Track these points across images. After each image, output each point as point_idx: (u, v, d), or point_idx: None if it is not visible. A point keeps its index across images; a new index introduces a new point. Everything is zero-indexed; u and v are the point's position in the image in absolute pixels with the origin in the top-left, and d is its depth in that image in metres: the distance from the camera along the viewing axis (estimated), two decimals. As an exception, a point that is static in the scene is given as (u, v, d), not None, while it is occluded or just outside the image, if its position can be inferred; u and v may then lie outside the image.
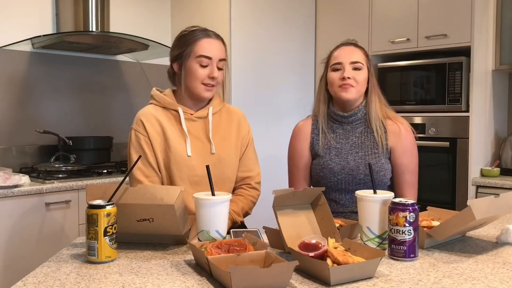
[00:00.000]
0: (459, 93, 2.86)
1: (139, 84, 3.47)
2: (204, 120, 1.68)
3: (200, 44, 1.61)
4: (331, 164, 1.72)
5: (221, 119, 1.72)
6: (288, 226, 1.25)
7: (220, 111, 1.73)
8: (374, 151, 1.71)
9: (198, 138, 1.66)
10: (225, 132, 1.70)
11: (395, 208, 1.20)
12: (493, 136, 3.07)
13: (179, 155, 1.61)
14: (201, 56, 1.60)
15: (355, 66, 1.70)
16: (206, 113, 1.68)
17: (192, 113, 1.67)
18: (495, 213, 1.30)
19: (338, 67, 1.72)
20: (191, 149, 1.62)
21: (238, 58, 3.15)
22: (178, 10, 3.56)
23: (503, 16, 2.94)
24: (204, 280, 1.05)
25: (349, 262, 1.05)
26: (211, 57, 1.60)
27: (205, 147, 1.65)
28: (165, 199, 1.23)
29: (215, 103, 1.71)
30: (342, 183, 1.71)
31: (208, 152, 1.64)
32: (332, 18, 3.53)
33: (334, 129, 1.77)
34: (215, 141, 1.66)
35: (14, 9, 2.90)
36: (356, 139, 1.74)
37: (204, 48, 1.60)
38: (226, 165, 1.66)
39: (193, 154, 1.62)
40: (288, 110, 3.45)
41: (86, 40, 2.89)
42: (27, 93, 2.98)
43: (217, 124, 1.69)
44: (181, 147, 1.62)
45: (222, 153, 1.66)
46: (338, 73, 1.71)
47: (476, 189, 2.85)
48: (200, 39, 1.62)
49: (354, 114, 1.74)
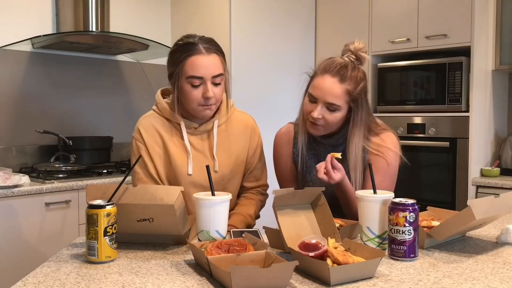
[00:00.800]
0: (459, 93, 2.86)
1: (139, 84, 3.47)
2: (209, 134, 1.59)
3: (189, 63, 1.46)
4: (316, 181, 1.60)
5: (228, 131, 1.62)
6: (288, 226, 1.25)
7: (228, 121, 1.63)
8: (354, 167, 1.57)
9: (202, 153, 1.58)
10: (230, 147, 1.62)
11: (395, 208, 1.20)
12: (493, 136, 3.08)
13: (179, 172, 1.56)
14: (191, 77, 1.47)
15: (331, 107, 1.52)
16: (211, 126, 1.59)
17: (196, 127, 1.58)
18: (495, 213, 1.30)
19: (314, 100, 1.54)
20: (193, 165, 1.56)
21: (238, 58, 3.15)
22: (178, 10, 3.56)
23: (503, 16, 2.94)
24: (204, 280, 1.05)
25: (349, 262, 1.05)
26: (202, 77, 1.47)
27: (209, 164, 1.52)
28: (165, 199, 1.23)
29: (221, 114, 1.61)
30: (329, 196, 1.51)
31: (211, 169, 1.54)
32: (332, 18, 3.53)
33: (315, 146, 1.66)
34: (219, 158, 1.58)
35: (14, 9, 2.90)
36: (338, 160, 1.55)
37: (194, 67, 1.46)
38: (230, 184, 1.61)
39: (195, 171, 1.56)
40: (287, 111, 3.43)
41: (86, 40, 2.90)
42: (27, 93, 2.98)
43: (223, 138, 1.61)
44: (182, 163, 1.56)
45: (225, 170, 1.59)
46: (311, 106, 1.55)
47: (476, 189, 2.85)
48: (189, 57, 1.47)
49: (332, 136, 1.62)
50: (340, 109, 1.53)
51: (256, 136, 1.70)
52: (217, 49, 1.53)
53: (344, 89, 1.51)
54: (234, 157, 1.62)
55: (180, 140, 1.57)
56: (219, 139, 1.60)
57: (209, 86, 1.48)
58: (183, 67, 1.48)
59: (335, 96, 1.51)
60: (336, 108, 1.52)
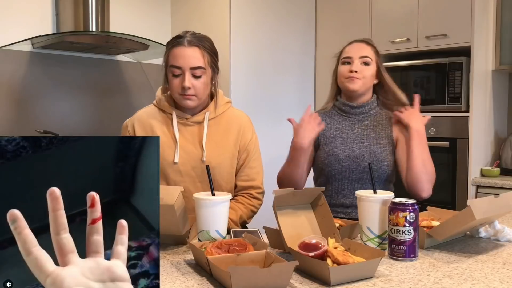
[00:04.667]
0: (459, 93, 2.86)
1: (139, 84, 3.47)
2: (200, 126, 1.65)
3: (171, 53, 1.59)
4: (337, 151, 1.75)
5: (220, 125, 1.67)
6: (288, 226, 1.25)
7: (221, 116, 1.68)
8: (379, 142, 1.75)
9: (191, 143, 1.64)
10: (221, 140, 1.66)
11: (395, 208, 1.20)
12: (493, 136, 3.08)
13: (165, 160, 1.60)
14: (172, 66, 1.58)
15: (364, 60, 1.76)
16: (202, 118, 1.65)
17: (188, 118, 1.65)
18: (495, 213, 1.30)
19: (348, 61, 1.78)
20: (180, 154, 1.61)
21: (238, 58, 3.15)
22: (178, 10, 3.56)
23: (503, 16, 2.94)
24: (204, 280, 1.05)
25: (349, 262, 1.05)
26: (180, 67, 1.56)
27: (197, 154, 1.62)
28: (165, 199, 1.23)
29: (212, 108, 1.67)
30: (346, 171, 1.73)
31: (199, 159, 1.62)
32: (332, 18, 3.53)
33: (341, 121, 1.82)
34: (208, 148, 1.63)
35: (14, 9, 2.90)
36: (362, 131, 1.78)
37: (174, 57, 1.57)
38: (217, 175, 1.62)
39: (181, 160, 1.61)
40: (287, 110, 3.44)
41: (86, 40, 2.89)
42: (27, 93, 2.98)
43: (214, 131, 1.66)
44: (169, 151, 1.61)
45: (213, 161, 1.62)
46: (347, 66, 1.77)
47: (476, 189, 2.85)
48: (172, 48, 1.59)
49: (362, 107, 1.80)
50: (371, 62, 1.77)
51: (249, 132, 1.71)
52: (202, 44, 1.60)
53: (373, 49, 1.80)
54: (223, 150, 1.65)
55: (171, 130, 1.64)
56: (210, 131, 1.65)
57: (186, 76, 1.56)
58: (167, 57, 1.61)
59: (367, 51, 1.78)
60: (369, 62, 1.76)
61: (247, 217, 1.67)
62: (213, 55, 1.63)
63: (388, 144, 1.76)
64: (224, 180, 1.66)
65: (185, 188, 1.55)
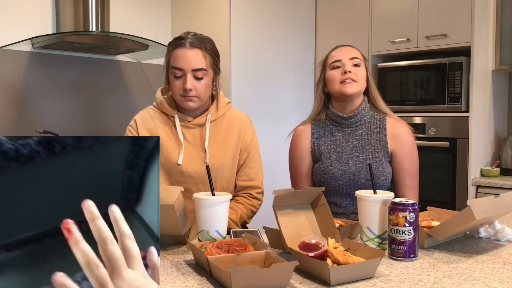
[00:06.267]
0: (459, 93, 2.86)
1: (139, 84, 3.46)
2: (201, 128, 1.65)
3: (173, 55, 1.58)
4: (332, 170, 1.70)
5: (221, 126, 1.67)
6: (288, 226, 1.25)
7: (222, 118, 1.68)
8: (375, 155, 1.69)
9: (194, 145, 1.64)
10: (223, 141, 1.66)
11: (395, 208, 1.20)
12: (493, 136, 3.08)
13: (169, 161, 1.61)
14: (173, 68, 1.58)
15: (354, 62, 1.70)
16: (204, 120, 1.65)
17: (190, 120, 1.65)
18: (495, 213, 1.30)
19: (338, 65, 1.70)
20: (184, 156, 1.61)
21: (238, 58, 3.15)
22: (178, 10, 3.56)
23: (503, 16, 2.94)
24: (204, 280, 1.05)
25: (349, 262, 1.05)
26: (182, 68, 1.56)
27: (200, 156, 1.63)
28: (165, 199, 1.23)
29: (214, 109, 1.67)
30: (343, 188, 1.70)
31: (202, 161, 1.62)
32: (332, 18, 3.53)
33: (334, 132, 1.75)
34: (211, 150, 1.63)
35: (14, 9, 2.90)
36: (357, 142, 1.72)
37: (176, 59, 1.57)
38: (219, 175, 1.63)
39: (185, 161, 1.61)
40: (288, 110, 3.45)
41: (86, 40, 2.89)
42: (27, 93, 2.98)
43: (216, 132, 1.66)
44: (173, 153, 1.61)
45: (216, 162, 1.62)
46: (338, 70, 1.70)
47: (476, 189, 2.85)
48: (174, 49, 1.58)
49: (354, 116, 1.72)
50: (362, 64, 1.71)
51: (250, 132, 1.71)
52: (204, 46, 1.59)
53: (358, 51, 1.75)
54: (225, 151, 1.65)
55: (174, 132, 1.64)
56: (212, 133, 1.65)
57: (188, 78, 1.56)
58: (169, 59, 1.60)
59: (355, 53, 1.73)
60: (360, 63, 1.71)
61: (247, 217, 1.67)
62: (215, 56, 1.63)
63: (384, 157, 1.70)
64: (226, 180, 1.66)
65: (187, 190, 1.56)
